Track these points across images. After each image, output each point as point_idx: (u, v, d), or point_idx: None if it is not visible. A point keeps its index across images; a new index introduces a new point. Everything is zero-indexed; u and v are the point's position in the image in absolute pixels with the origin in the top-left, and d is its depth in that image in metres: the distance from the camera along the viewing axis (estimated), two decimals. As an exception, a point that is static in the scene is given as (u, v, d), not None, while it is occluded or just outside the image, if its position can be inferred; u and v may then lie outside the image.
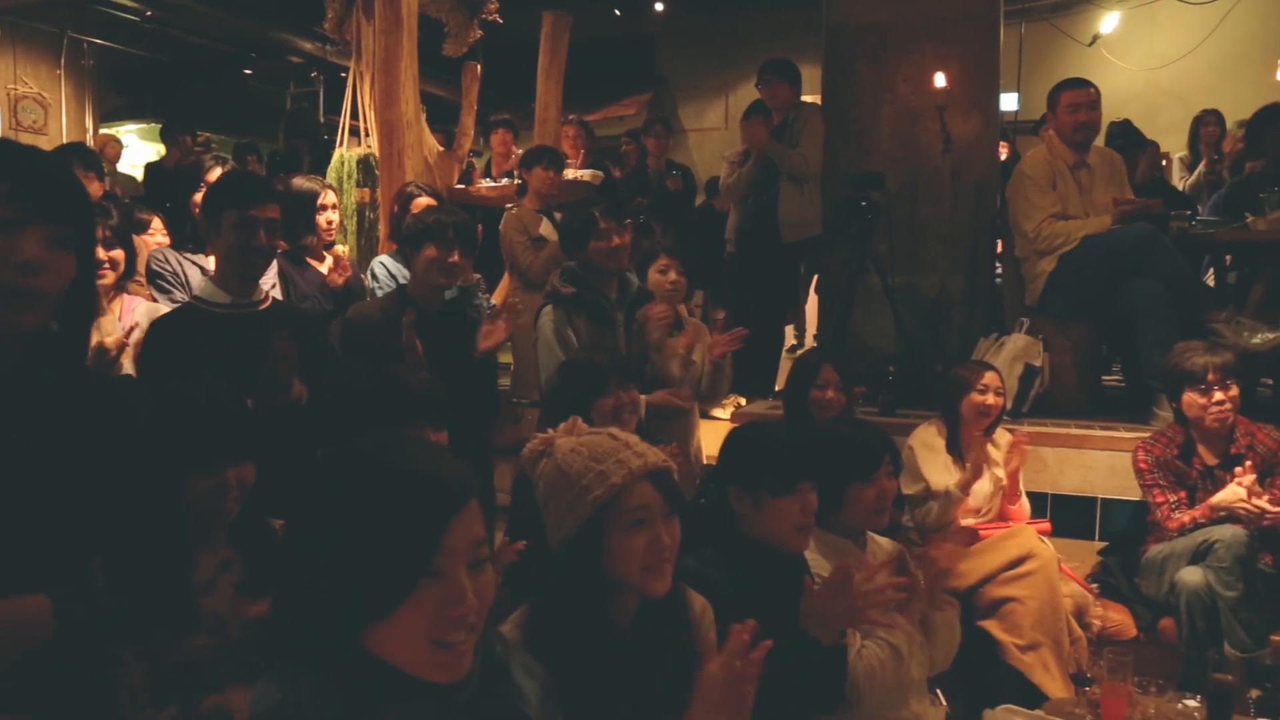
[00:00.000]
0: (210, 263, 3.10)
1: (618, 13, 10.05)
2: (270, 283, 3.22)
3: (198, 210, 2.89)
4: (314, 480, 1.04)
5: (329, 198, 3.80)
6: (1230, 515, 2.88)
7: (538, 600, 1.58)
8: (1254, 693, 2.56)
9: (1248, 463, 2.90)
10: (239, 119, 10.64)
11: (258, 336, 2.38)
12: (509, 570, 2.10)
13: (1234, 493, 2.86)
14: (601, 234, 3.17)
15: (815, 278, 4.95)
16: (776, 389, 4.37)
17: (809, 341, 6.07)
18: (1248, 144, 5.54)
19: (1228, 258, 4.81)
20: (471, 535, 1.03)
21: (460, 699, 1.07)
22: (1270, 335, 3.59)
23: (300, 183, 3.85)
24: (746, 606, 1.78)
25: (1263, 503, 2.82)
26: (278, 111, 9.46)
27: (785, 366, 4.13)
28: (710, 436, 3.72)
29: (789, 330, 6.37)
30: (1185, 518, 2.95)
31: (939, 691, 2.55)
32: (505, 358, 5.63)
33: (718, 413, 4.37)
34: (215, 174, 3.58)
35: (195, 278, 3.28)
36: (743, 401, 4.27)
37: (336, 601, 0.99)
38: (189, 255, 3.39)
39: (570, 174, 5.50)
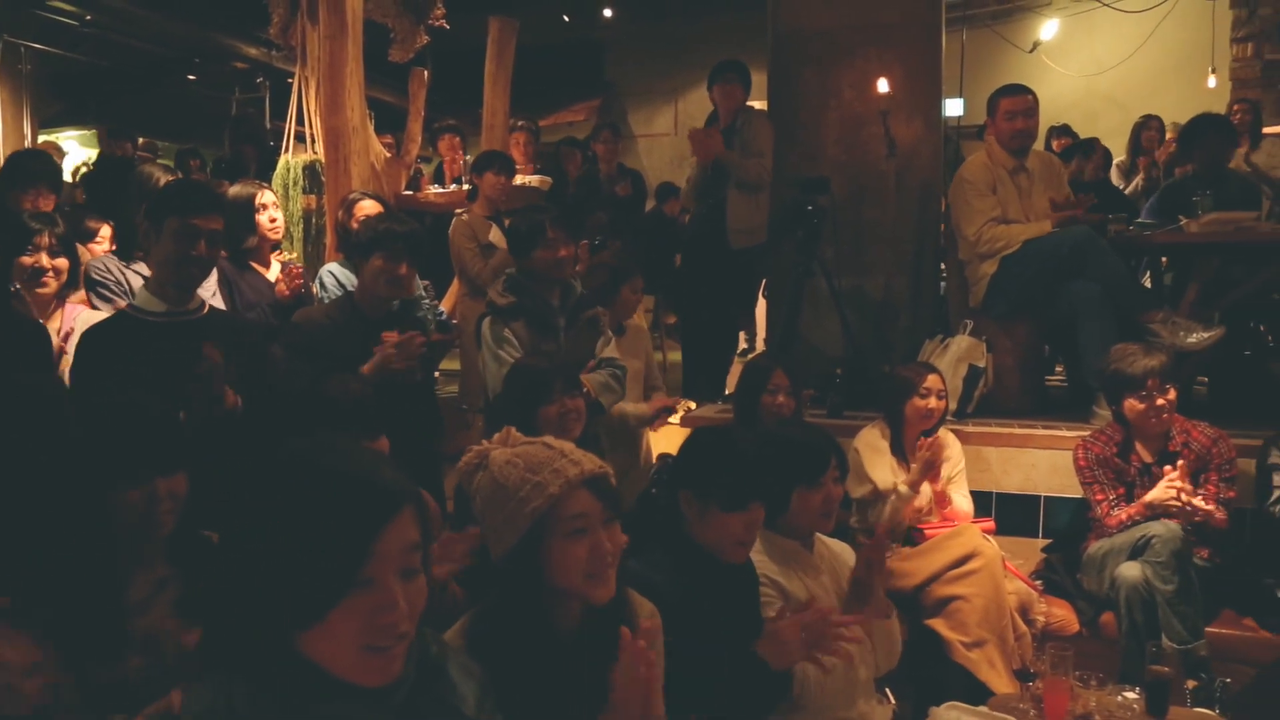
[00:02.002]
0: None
1: (566, 18, 10.05)
2: (211, 291, 3.16)
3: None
4: (247, 483, 1.03)
5: (265, 196, 3.70)
6: (1165, 512, 2.95)
7: (481, 608, 1.57)
8: (1190, 683, 2.63)
9: (1180, 461, 2.98)
10: (182, 125, 10.47)
11: (193, 346, 2.34)
12: (463, 572, 2.08)
13: (1165, 490, 2.93)
14: (549, 243, 3.16)
15: (764, 281, 4.99)
16: (727, 393, 4.38)
17: (760, 345, 6.12)
18: (1180, 149, 5.69)
19: (1164, 260, 4.93)
20: (404, 542, 1.02)
21: (395, 699, 1.06)
22: (1204, 335, 3.68)
23: (234, 190, 3.78)
24: (692, 612, 1.79)
25: (1194, 499, 2.89)
26: (222, 117, 9.32)
27: (738, 370, 4.15)
28: (659, 442, 3.73)
29: (741, 334, 6.41)
30: (1123, 514, 3.01)
31: (888, 690, 2.58)
32: (453, 365, 5.61)
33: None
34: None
35: (138, 286, 3.22)
36: (693, 405, 4.28)
37: (268, 606, 0.98)
38: (132, 265, 3.32)
39: (519, 179, 5.49)
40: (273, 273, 3.78)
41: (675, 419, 3.84)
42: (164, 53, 9.59)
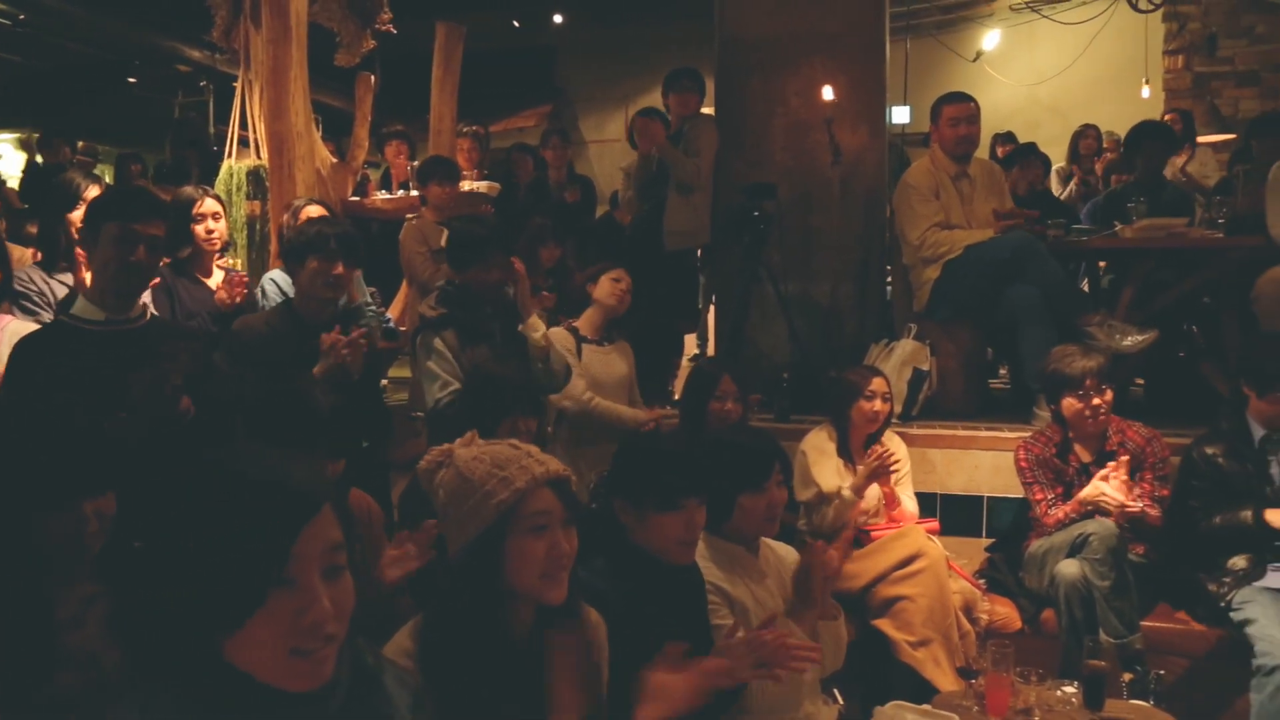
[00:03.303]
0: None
1: (516, 24, 10.03)
2: (146, 299, 3.10)
3: (75, 228, 2.78)
4: (162, 491, 1.01)
5: (207, 205, 3.61)
6: (1100, 509, 3.02)
7: (433, 608, 1.56)
8: (1126, 676, 2.70)
9: (1123, 459, 3.05)
10: (123, 128, 10.25)
11: (134, 355, 2.29)
12: (411, 584, 2.06)
13: (1096, 488, 3.00)
14: (486, 265, 3.16)
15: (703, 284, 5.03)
16: (675, 398, 4.40)
17: (711, 351, 6.14)
18: (1121, 158, 5.85)
19: (1101, 264, 5.06)
20: (325, 541, 1.01)
21: (329, 707, 1.05)
22: (1140, 337, 3.78)
23: (180, 190, 3.71)
24: (637, 619, 1.79)
25: (1119, 494, 2.96)
26: (164, 121, 9.14)
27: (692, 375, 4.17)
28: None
29: (691, 339, 6.43)
30: (1060, 513, 3.08)
31: (836, 690, 2.60)
32: (403, 372, 5.56)
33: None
34: (93, 192, 3.42)
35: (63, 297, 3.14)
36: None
37: (189, 614, 0.96)
38: (56, 276, 3.24)
39: (466, 185, 5.46)
40: (214, 280, 3.71)
41: None
42: (104, 55, 9.38)
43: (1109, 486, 2.98)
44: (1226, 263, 4.05)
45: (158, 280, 3.16)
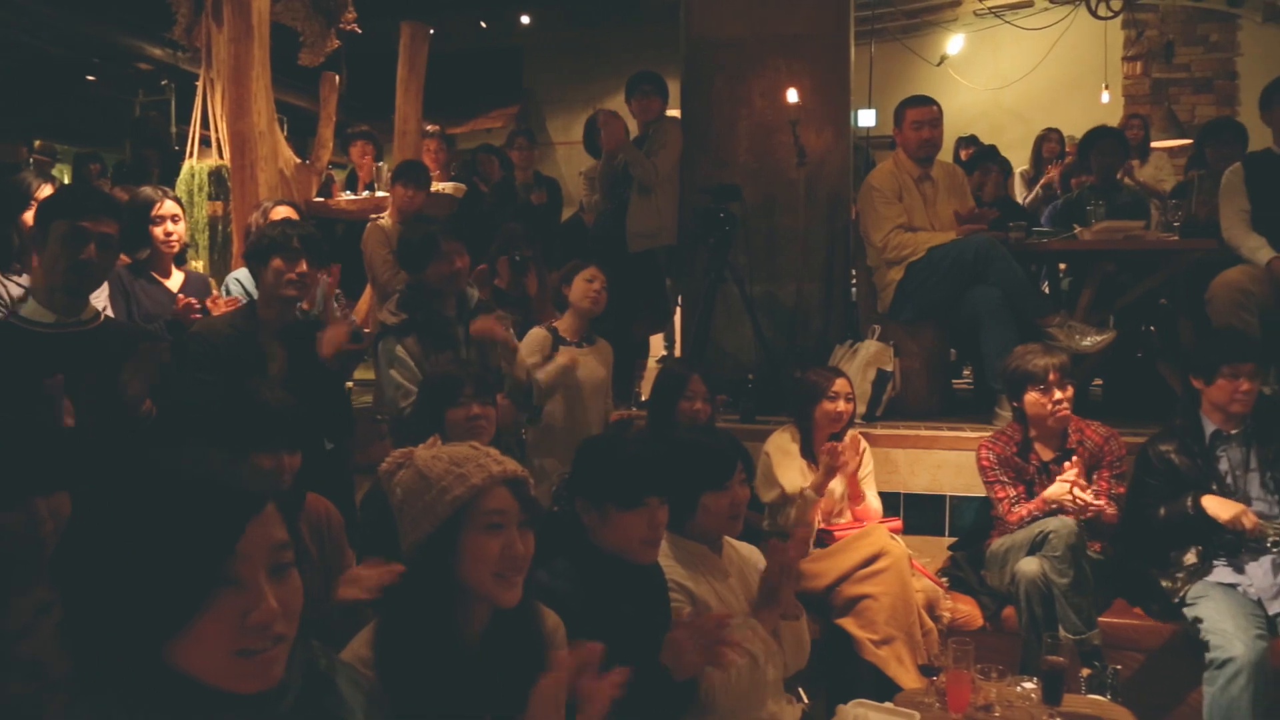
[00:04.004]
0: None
1: (483, 24, 9.99)
2: (102, 303, 3.05)
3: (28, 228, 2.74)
4: (105, 492, 0.99)
5: (167, 207, 3.58)
6: (1062, 508, 3.06)
7: (388, 610, 1.56)
8: (1085, 671, 2.74)
9: (1075, 457, 3.10)
10: (82, 127, 10.09)
11: (86, 358, 2.25)
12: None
13: (1060, 488, 3.04)
14: (443, 256, 3.15)
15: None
16: (643, 399, 4.40)
17: (679, 352, 6.15)
18: (1078, 159, 5.94)
19: (1061, 266, 5.13)
20: (270, 540, 1.00)
21: (279, 710, 1.04)
22: (1098, 337, 3.84)
23: (139, 191, 3.66)
24: (598, 620, 1.79)
25: (1085, 495, 3.01)
26: (124, 120, 9.01)
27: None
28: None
29: (659, 340, 6.44)
30: (1022, 511, 3.12)
31: (801, 690, 2.62)
32: (368, 374, 5.51)
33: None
34: (46, 192, 3.37)
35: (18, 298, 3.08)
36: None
37: (134, 618, 0.94)
38: (11, 277, 3.18)
39: (432, 187, 5.43)
40: (173, 282, 3.67)
41: None
42: (63, 52, 9.21)
43: (1069, 483, 3.02)
44: (1181, 265, 4.13)
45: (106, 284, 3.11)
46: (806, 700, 2.58)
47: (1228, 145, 4.87)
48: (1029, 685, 2.56)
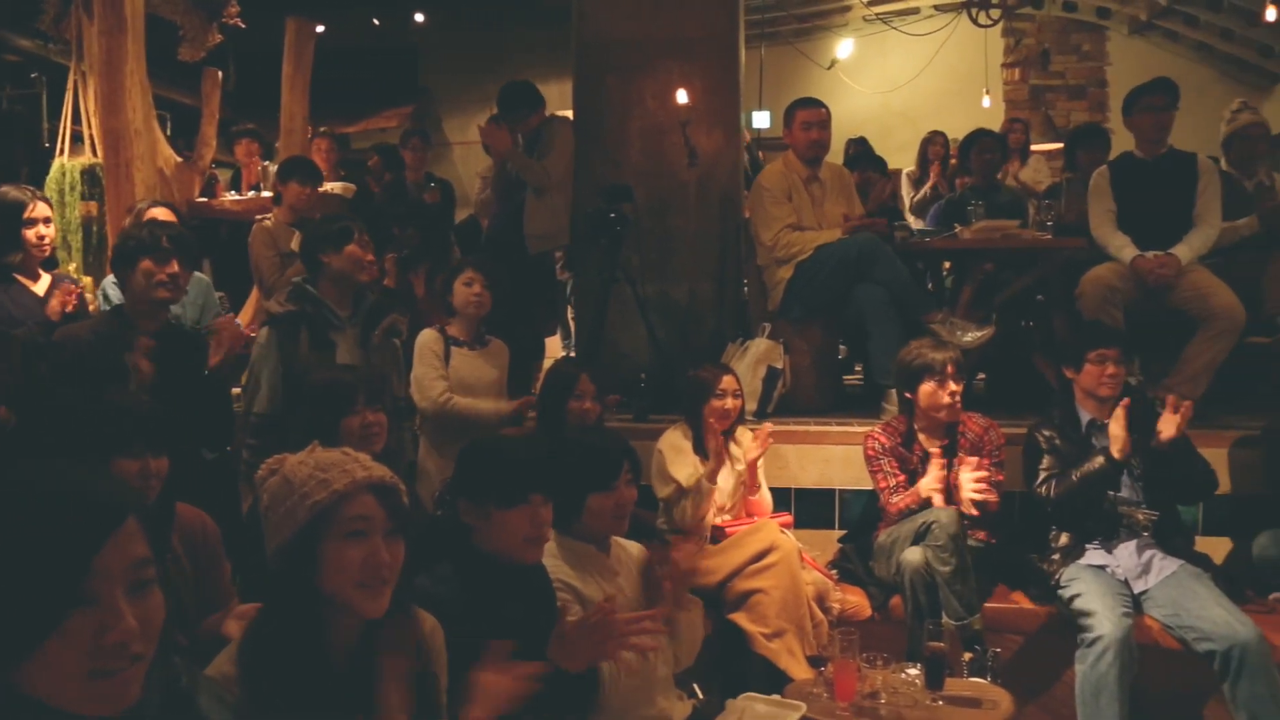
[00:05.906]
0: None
1: (376, 22, 9.79)
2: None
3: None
4: None
5: (40, 209, 3.45)
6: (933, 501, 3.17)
7: (253, 621, 1.50)
8: (966, 656, 2.84)
9: (938, 457, 3.20)
10: (-57, 124, 9.48)
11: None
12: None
13: (929, 482, 3.16)
14: (363, 243, 3.12)
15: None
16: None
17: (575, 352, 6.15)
18: (959, 161, 6.16)
19: (945, 264, 5.30)
20: (129, 556, 0.95)
21: None
22: (979, 333, 3.98)
23: (7, 191, 3.49)
24: (480, 623, 1.77)
25: (976, 492, 3.11)
26: (-11, 116, 8.51)
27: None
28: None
29: (555, 341, 6.42)
30: (901, 502, 3.21)
31: (696, 685, 2.64)
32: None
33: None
34: None
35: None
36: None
37: None
38: None
39: (322, 187, 5.30)
40: (41, 286, 3.51)
41: None
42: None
43: (935, 478, 3.14)
44: (1054, 262, 4.31)
45: None
46: (701, 695, 2.60)
47: (1096, 150, 5.12)
48: (913, 671, 2.64)
